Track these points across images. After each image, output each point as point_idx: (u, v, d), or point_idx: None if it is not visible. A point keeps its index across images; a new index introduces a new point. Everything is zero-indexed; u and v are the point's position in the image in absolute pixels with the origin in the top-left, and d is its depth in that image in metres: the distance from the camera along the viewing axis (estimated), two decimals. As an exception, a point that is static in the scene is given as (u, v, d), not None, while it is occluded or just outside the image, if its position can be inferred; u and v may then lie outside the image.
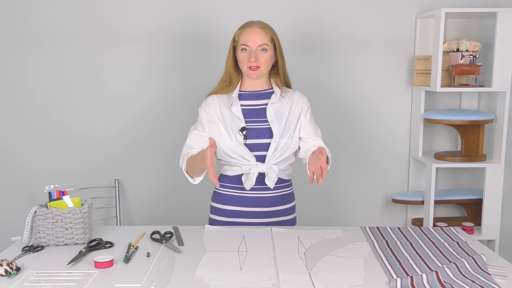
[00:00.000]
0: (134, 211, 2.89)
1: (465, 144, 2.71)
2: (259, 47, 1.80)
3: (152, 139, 2.83)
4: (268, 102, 1.87)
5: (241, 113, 1.84)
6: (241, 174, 1.86)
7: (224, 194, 1.92)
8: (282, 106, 1.87)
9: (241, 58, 1.83)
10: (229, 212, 1.90)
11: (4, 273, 1.39)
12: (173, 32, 2.73)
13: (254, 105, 1.88)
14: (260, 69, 1.82)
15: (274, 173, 1.83)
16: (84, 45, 2.73)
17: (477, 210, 2.77)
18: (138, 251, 1.61)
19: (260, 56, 1.81)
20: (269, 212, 1.90)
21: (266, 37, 1.81)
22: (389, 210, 2.93)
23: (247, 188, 1.85)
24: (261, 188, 1.86)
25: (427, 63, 2.67)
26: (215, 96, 1.90)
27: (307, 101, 1.93)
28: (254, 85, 1.89)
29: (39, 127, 2.80)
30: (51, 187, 1.71)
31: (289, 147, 1.85)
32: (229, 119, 1.84)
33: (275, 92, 1.88)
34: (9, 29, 2.71)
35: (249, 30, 1.82)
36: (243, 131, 1.82)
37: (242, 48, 1.82)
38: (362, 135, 2.85)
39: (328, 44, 2.77)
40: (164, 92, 2.78)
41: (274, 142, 1.82)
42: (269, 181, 1.83)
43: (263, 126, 1.84)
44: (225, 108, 1.86)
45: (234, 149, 1.82)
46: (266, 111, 1.86)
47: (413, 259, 1.53)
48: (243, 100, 1.88)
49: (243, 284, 1.34)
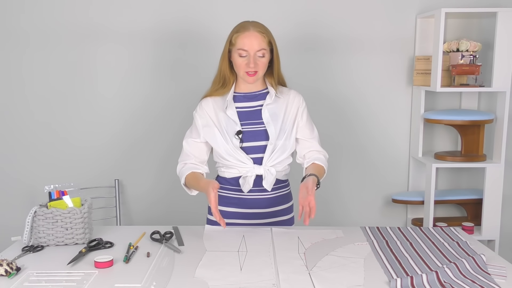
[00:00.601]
0: (134, 211, 2.89)
1: (465, 144, 2.71)
2: (257, 52, 1.76)
3: (152, 139, 2.83)
4: (263, 103, 1.85)
5: (237, 116, 1.82)
6: (239, 176, 1.85)
7: (221, 195, 1.90)
8: (277, 107, 1.85)
9: (238, 62, 1.78)
10: (227, 214, 1.90)
11: (4, 273, 1.39)
12: (168, 32, 2.73)
13: (249, 107, 1.86)
14: (257, 74, 1.79)
15: (271, 175, 1.82)
16: (85, 44, 2.73)
17: (477, 210, 2.77)
18: (138, 251, 1.61)
19: (258, 61, 1.77)
20: (267, 213, 1.90)
21: (264, 42, 1.77)
22: (389, 210, 2.93)
23: (245, 191, 1.84)
24: (258, 190, 1.86)
25: (427, 63, 2.67)
26: (210, 99, 1.87)
27: (302, 100, 1.90)
28: (249, 87, 1.86)
29: (39, 127, 2.80)
30: (51, 187, 1.71)
31: (286, 149, 1.83)
32: (225, 122, 1.82)
33: (270, 93, 1.85)
34: (11, 29, 2.71)
35: (247, 34, 1.76)
36: (239, 135, 1.80)
37: (240, 54, 1.77)
38: (362, 135, 2.85)
39: (328, 45, 2.77)
40: (164, 92, 2.78)
41: (270, 145, 1.80)
42: (266, 184, 1.82)
43: (259, 128, 1.83)
44: (220, 111, 1.84)
45: (230, 153, 1.80)
46: (262, 113, 1.84)
47: (413, 259, 1.53)
48: (238, 102, 1.86)
49: (243, 284, 1.34)
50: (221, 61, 1.85)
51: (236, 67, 1.81)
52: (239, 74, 1.82)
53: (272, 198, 1.89)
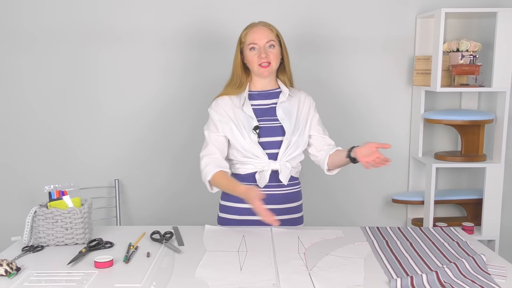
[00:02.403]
0: (134, 211, 2.89)
1: (465, 144, 2.71)
2: (267, 44, 1.86)
3: (152, 139, 2.82)
4: (277, 101, 1.93)
5: (253, 113, 1.89)
6: (254, 172, 1.89)
7: None
8: (290, 105, 1.93)
9: (250, 57, 1.87)
10: (241, 210, 1.91)
11: (4, 273, 1.40)
12: (174, 32, 2.73)
13: (264, 105, 1.93)
14: (271, 65, 1.87)
15: (287, 169, 1.88)
16: (85, 45, 2.73)
17: (477, 210, 2.77)
18: (138, 251, 1.61)
19: (269, 52, 1.86)
20: (280, 210, 1.91)
21: (272, 34, 1.88)
22: (389, 210, 2.93)
23: (261, 185, 1.88)
24: (273, 185, 1.90)
25: (427, 63, 2.67)
26: (227, 97, 1.94)
27: (312, 100, 2.00)
28: (262, 85, 1.94)
29: (39, 127, 2.80)
30: (51, 187, 1.71)
31: (300, 145, 1.90)
32: (242, 118, 1.88)
33: (284, 91, 1.93)
34: (12, 29, 2.71)
35: (255, 29, 1.88)
36: (256, 130, 1.86)
37: (251, 48, 1.87)
38: (362, 135, 2.85)
39: (328, 44, 2.77)
40: (164, 92, 2.78)
41: (286, 140, 1.87)
42: (283, 177, 1.87)
43: (274, 124, 1.89)
44: (236, 108, 1.91)
45: (247, 148, 1.86)
46: (276, 110, 1.91)
47: (413, 259, 1.53)
48: (252, 100, 1.93)
49: (243, 284, 1.34)
50: (234, 62, 1.94)
51: (249, 63, 1.89)
52: (253, 70, 1.90)
53: (286, 194, 1.93)
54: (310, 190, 2.84)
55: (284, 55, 1.93)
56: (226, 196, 1.96)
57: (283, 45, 1.92)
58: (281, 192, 1.92)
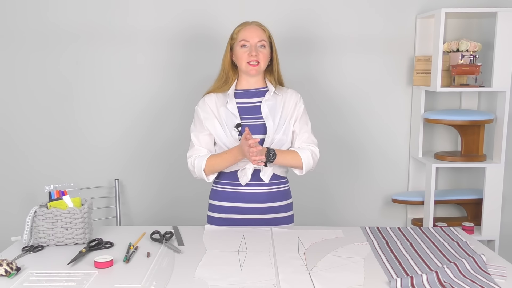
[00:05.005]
0: (134, 211, 2.89)
1: (465, 144, 2.71)
2: (258, 43, 1.87)
3: (152, 139, 2.82)
4: (262, 99, 1.92)
5: (237, 110, 1.89)
6: (236, 170, 1.90)
7: (221, 191, 1.94)
8: (276, 103, 1.92)
9: (240, 54, 1.88)
10: (226, 209, 1.92)
11: (4, 273, 1.40)
12: (171, 31, 2.73)
13: (249, 103, 1.92)
14: (259, 65, 1.87)
15: (269, 168, 1.88)
16: (84, 45, 2.73)
17: (477, 210, 2.77)
18: (138, 251, 1.61)
19: (260, 51, 1.87)
20: (265, 208, 1.92)
21: (264, 35, 1.90)
22: (389, 210, 2.93)
23: (242, 183, 1.88)
24: (256, 184, 1.90)
25: (427, 63, 2.67)
26: (213, 94, 1.95)
27: (300, 97, 1.98)
28: (249, 84, 1.94)
29: (39, 127, 2.80)
30: (51, 187, 1.71)
31: (284, 143, 1.90)
32: (225, 116, 1.89)
33: (269, 90, 1.93)
34: (13, 29, 2.71)
35: (248, 28, 1.90)
36: (238, 127, 1.87)
37: (242, 45, 1.87)
38: (362, 135, 2.85)
39: (328, 44, 2.77)
40: (164, 92, 2.78)
41: (268, 138, 1.86)
42: (264, 175, 1.88)
43: (258, 122, 1.89)
44: (221, 106, 1.91)
45: (229, 145, 1.86)
46: (261, 108, 1.90)
47: (413, 259, 1.53)
48: (238, 98, 1.93)
49: (243, 284, 1.34)
50: (223, 58, 1.95)
51: (238, 60, 1.89)
52: (241, 67, 1.90)
53: (270, 193, 1.92)
54: (310, 190, 2.84)
55: (274, 57, 1.94)
56: (213, 195, 1.98)
57: (273, 47, 1.93)
58: (264, 190, 1.91)
